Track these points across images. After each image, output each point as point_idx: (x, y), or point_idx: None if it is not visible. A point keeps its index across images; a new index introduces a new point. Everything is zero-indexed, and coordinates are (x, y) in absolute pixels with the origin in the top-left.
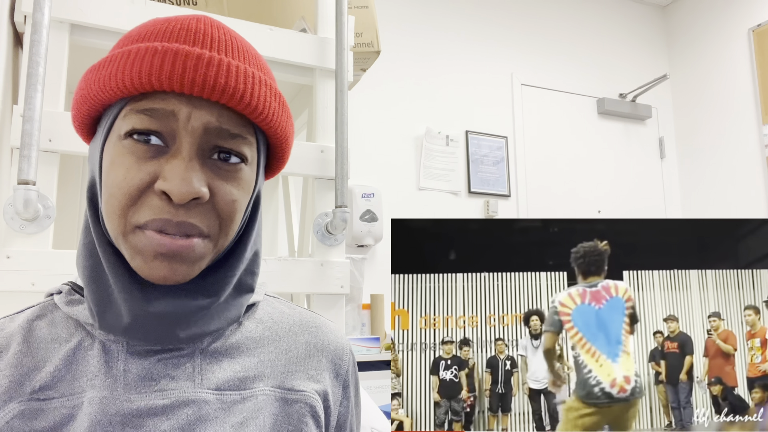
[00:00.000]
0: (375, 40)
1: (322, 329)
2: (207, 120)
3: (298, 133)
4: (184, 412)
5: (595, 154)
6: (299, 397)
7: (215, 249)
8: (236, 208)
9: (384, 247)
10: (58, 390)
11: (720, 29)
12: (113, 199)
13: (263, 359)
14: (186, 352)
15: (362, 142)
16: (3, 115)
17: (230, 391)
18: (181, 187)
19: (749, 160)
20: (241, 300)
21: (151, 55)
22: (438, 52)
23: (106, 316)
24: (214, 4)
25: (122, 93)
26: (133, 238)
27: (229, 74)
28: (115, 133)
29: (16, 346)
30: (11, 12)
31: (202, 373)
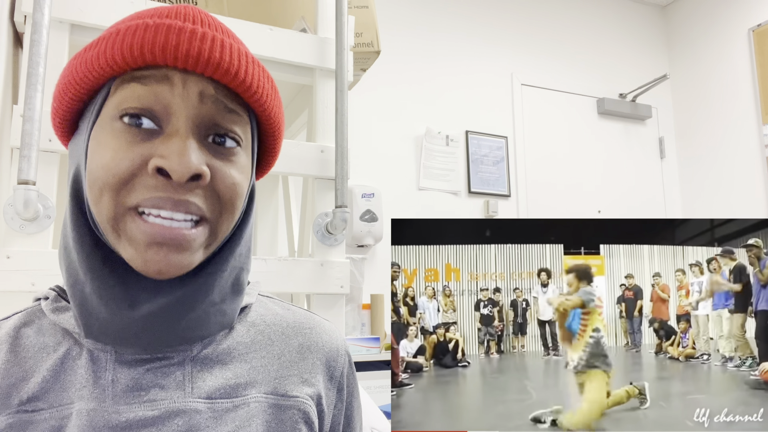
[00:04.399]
0: (375, 40)
1: (316, 330)
2: (203, 87)
3: (298, 132)
4: (175, 423)
5: (595, 154)
6: (292, 402)
7: (213, 238)
8: (237, 192)
9: (384, 247)
10: (46, 401)
11: (720, 29)
12: (99, 182)
13: (255, 365)
14: (176, 361)
15: (362, 142)
16: (3, 115)
17: (222, 400)
18: (181, 164)
19: (749, 160)
20: (236, 302)
21: (143, 30)
22: (438, 53)
23: (89, 323)
24: (214, 4)
25: (113, 70)
26: (125, 224)
27: (223, 50)
28: (105, 115)
29: (3, 356)
30: (11, 12)
31: (193, 382)
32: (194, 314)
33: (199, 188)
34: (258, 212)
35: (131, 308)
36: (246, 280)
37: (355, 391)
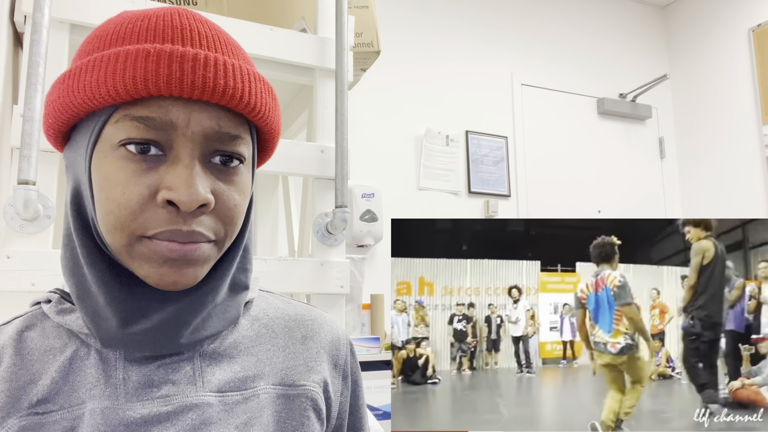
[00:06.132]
0: (375, 40)
1: (317, 321)
2: (207, 125)
3: (298, 132)
4: (189, 417)
5: (595, 154)
6: (301, 391)
7: (219, 251)
8: (238, 213)
9: (384, 247)
10: (57, 402)
11: (720, 29)
12: (111, 216)
13: (261, 357)
14: (186, 356)
15: (362, 142)
16: (3, 115)
17: (232, 392)
18: (189, 196)
19: (749, 160)
20: (238, 299)
21: (144, 59)
22: (438, 53)
23: (103, 333)
24: (214, 4)
25: (114, 100)
26: (139, 248)
27: (227, 74)
28: (105, 141)
29: (9, 360)
30: (11, 12)
31: (203, 376)
32: (201, 317)
33: (204, 214)
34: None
35: (143, 318)
36: (247, 278)
37: (359, 380)
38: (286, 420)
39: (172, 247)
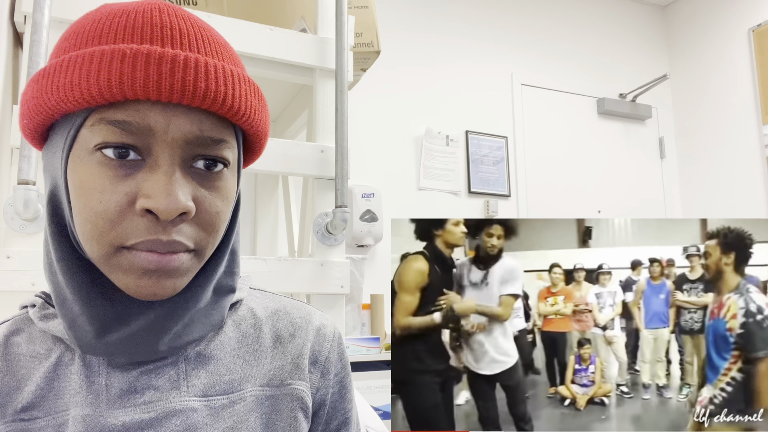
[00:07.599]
0: (375, 40)
1: (305, 318)
2: (187, 130)
3: (298, 132)
4: (172, 423)
5: (595, 154)
6: (288, 391)
7: (200, 260)
8: (221, 220)
9: (384, 247)
10: (42, 409)
11: (720, 29)
12: (89, 225)
13: (248, 359)
14: (170, 361)
15: (362, 142)
16: (3, 115)
17: (218, 396)
18: (168, 204)
19: (749, 160)
20: (223, 303)
21: (119, 61)
22: (438, 52)
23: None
24: (214, 4)
25: (88, 103)
26: (118, 259)
27: (208, 76)
28: (81, 145)
29: None
30: (11, 12)
31: (188, 381)
32: (182, 323)
33: (184, 222)
34: (258, 212)
35: (121, 325)
36: (234, 281)
37: (347, 381)
38: (275, 422)
39: (150, 258)
